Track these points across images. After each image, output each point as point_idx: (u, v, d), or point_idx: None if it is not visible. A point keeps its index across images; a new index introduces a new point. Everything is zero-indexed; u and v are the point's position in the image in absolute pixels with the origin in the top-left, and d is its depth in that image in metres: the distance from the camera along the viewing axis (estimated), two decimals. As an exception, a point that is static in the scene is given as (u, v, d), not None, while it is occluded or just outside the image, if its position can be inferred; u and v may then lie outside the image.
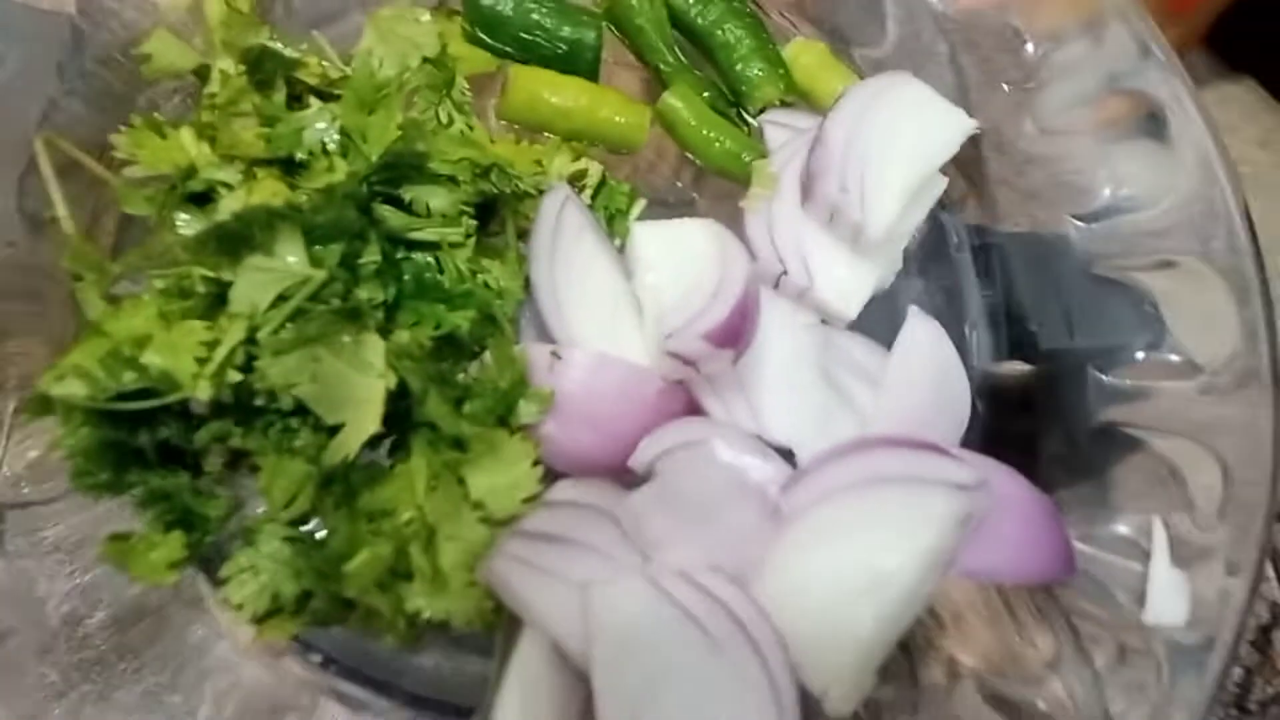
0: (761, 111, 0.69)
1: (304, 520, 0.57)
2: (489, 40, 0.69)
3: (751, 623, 0.53)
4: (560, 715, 0.53)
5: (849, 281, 0.62)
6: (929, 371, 0.63)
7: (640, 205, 0.67)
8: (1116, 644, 0.55)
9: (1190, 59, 1.13)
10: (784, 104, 0.69)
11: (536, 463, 0.56)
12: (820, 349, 0.62)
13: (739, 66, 0.69)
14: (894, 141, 0.62)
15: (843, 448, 0.58)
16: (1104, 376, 0.61)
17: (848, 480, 0.56)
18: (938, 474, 0.55)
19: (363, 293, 0.56)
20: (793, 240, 0.64)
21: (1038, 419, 0.65)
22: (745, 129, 0.69)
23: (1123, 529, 0.57)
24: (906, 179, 0.62)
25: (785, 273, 0.63)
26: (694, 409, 0.61)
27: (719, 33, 0.69)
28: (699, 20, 0.69)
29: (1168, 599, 0.54)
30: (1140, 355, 0.61)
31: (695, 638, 0.52)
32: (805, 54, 0.70)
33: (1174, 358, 0.60)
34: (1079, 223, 0.65)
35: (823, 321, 0.64)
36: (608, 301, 0.61)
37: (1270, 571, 0.74)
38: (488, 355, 0.58)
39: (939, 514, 0.54)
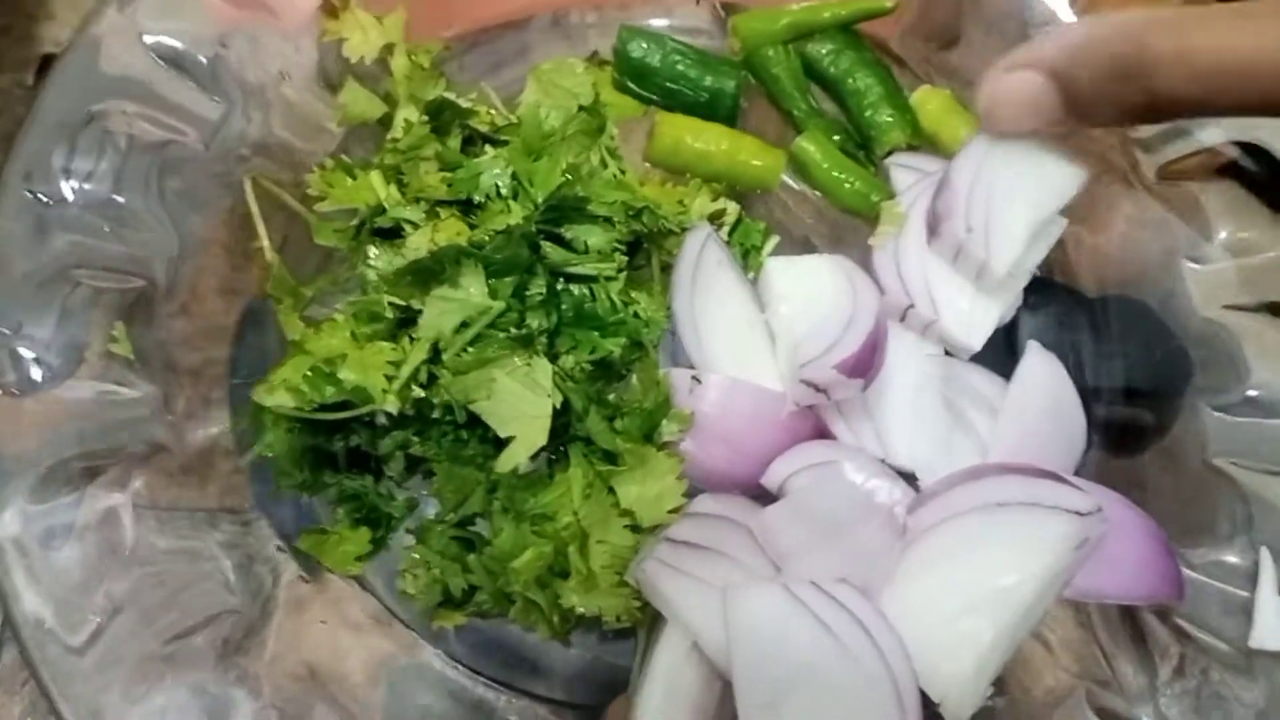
0: (888, 154, 0.73)
1: (471, 521, 0.64)
2: (637, 89, 0.75)
3: (878, 631, 0.57)
4: (698, 706, 0.58)
5: (973, 315, 0.66)
6: (1046, 403, 0.66)
7: (774, 241, 0.73)
8: (1221, 667, 0.58)
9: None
10: (911, 147, 0.73)
11: (680, 477, 0.62)
12: (943, 379, 0.66)
13: (869, 112, 0.73)
14: (1016, 185, 0.66)
15: (965, 472, 0.63)
16: (1214, 413, 0.64)
17: (970, 503, 0.60)
18: (1055, 500, 0.59)
19: (531, 321, 0.63)
20: (919, 276, 0.68)
21: (1148, 453, 0.68)
22: (873, 170, 0.74)
23: (1230, 558, 0.60)
24: (1028, 221, 0.66)
25: (912, 306, 0.67)
26: (823, 433, 0.66)
27: (850, 80, 0.74)
28: (831, 69, 0.74)
29: (1273, 625, 0.57)
30: (1253, 393, 0.64)
31: (826, 641, 0.56)
32: (931, 101, 0.74)
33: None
34: (1193, 264, 0.68)
35: (946, 353, 0.68)
36: (743, 331, 0.67)
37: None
38: (635, 378, 0.65)
39: (1056, 537, 0.58)
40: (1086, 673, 0.62)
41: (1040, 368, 0.67)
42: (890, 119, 0.73)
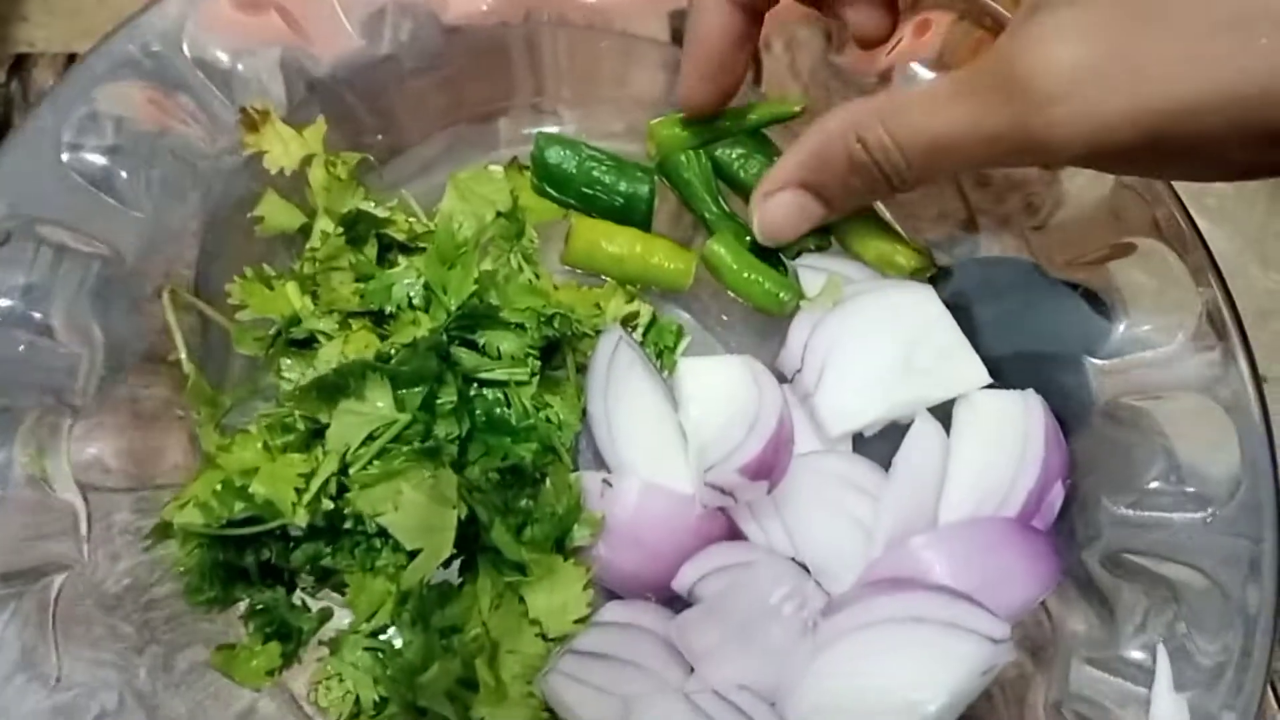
0: (797, 256, 0.75)
1: (383, 631, 0.64)
2: (554, 193, 0.77)
3: None
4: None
5: (849, 406, 0.68)
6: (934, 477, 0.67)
7: (686, 341, 0.74)
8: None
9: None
10: (819, 248, 0.76)
11: (588, 585, 0.62)
12: (843, 474, 0.67)
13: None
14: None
15: (883, 583, 0.63)
16: (1115, 506, 0.66)
17: (885, 614, 0.61)
18: (973, 624, 0.60)
19: (440, 429, 0.64)
20: (822, 351, 0.70)
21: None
22: (784, 271, 0.76)
23: (1131, 653, 0.61)
24: (870, 378, 0.69)
25: (800, 371, 0.69)
26: (735, 533, 0.67)
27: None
28: (740, 173, 0.76)
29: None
30: (1153, 485, 0.65)
31: None
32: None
33: (1187, 488, 0.64)
34: (1094, 360, 0.70)
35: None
36: (656, 431, 0.68)
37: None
38: (548, 482, 0.66)
39: (970, 658, 0.59)
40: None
41: (925, 439, 0.67)
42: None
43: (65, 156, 0.68)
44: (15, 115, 0.88)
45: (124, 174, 0.69)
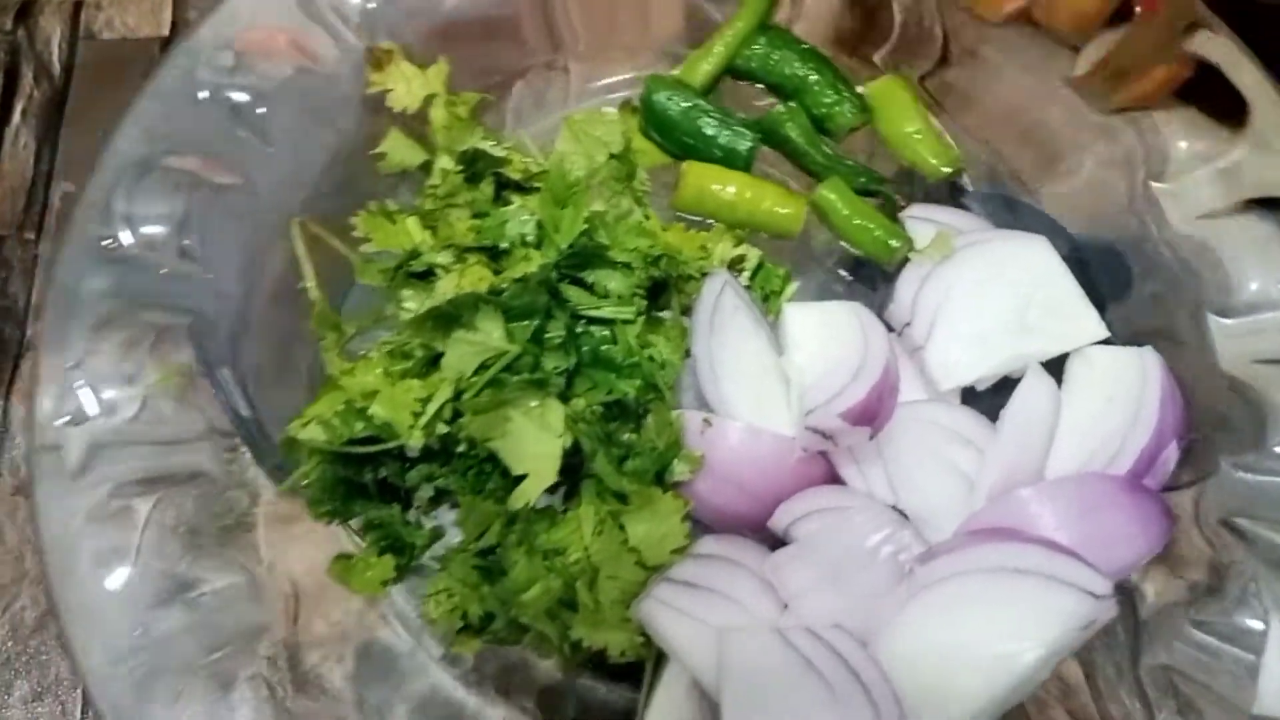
0: (904, 208, 0.75)
1: (491, 551, 0.67)
2: (657, 138, 0.78)
3: (870, 680, 0.58)
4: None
5: (959, 360, 0.67)
6: (1044, 431, 0.66)
7: (794, 287, 0.74)
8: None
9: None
10: (928, 199, 0.75)
11: (686, 517, 0.64)
12: (949, 424, 0.67)
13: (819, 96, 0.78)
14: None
15: (985, 532, 0.63)
16: (1234, 470, 0.63)
17: (986, 563, 0.61)
18: (1074, 578, 0.59)
19: (549, 362, 0.66)
20: (932, 304, 0.69)
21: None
22: (894, 219, 0.75)
23: (1243, 620, 0.59)
24: (978, 334, 0.68)
25: (909, 324, 0.69)
26: (834, 477, 0.67)
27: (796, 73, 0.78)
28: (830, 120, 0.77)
29: (1277, 692, 0.56)
30: (1277, 449, 0.63)
31: (816, 686, 0.58)
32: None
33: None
34: (1220, 319, 0.67)
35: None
36: (758, 375, 0.69)
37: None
38: (650, 419, 0.67)
39: (1068, 614, 0.58)
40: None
41: (1037, 394, 0.66)
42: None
43: (203, 94, 0.72)
44: (23, 63, 0.90)
45: (259, 111, 0.73)
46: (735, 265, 0.74)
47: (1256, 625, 0.59)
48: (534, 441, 0.63)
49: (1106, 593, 0.58)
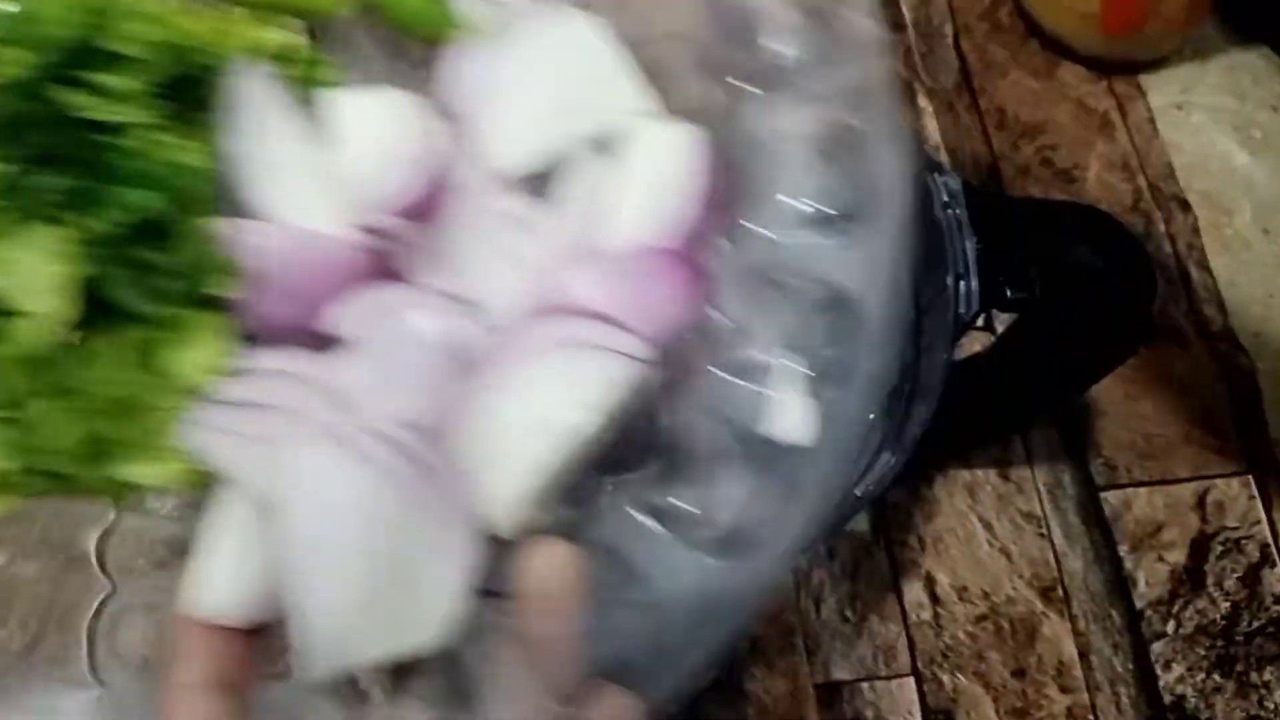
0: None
1: (16, 403, 0.60)
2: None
3: (438, 467, 0.59)
4: (265, 568, 0.59)
5: (511, 143, 0.67)
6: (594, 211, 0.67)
7: (340, 76, 0.69)
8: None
9: (1203, 27, 1.30)
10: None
11: (227, 335, 0.60)
12: (505, 211, 0.67)
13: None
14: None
15: (540, 311, 0.64)
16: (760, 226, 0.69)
17: (543, 343, 0.62)
18: (620, 345, 0.62)
19: (48, 181, 0.57)
20: (483, 86, 0.67)
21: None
22: (441, -4, 0.70)
23: (762, 357, 0.66)
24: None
25: (459, 110, 0.67)
26: (391, 275, 0.65)
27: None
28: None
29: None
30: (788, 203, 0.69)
31: (384, 487, 0.58)
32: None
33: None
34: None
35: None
36: (302, 174, 0.64)
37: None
38: (180, 233, 0.61)
39: (618, 380, 0.61)
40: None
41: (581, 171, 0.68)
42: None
43: None
44: None
45: None
46: (269, 53, 0.67)
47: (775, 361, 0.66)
48: (38, 274, 0.56)
49: (651, 357, 0.62)
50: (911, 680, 1.04)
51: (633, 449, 0.65)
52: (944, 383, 0.81)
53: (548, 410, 0.61)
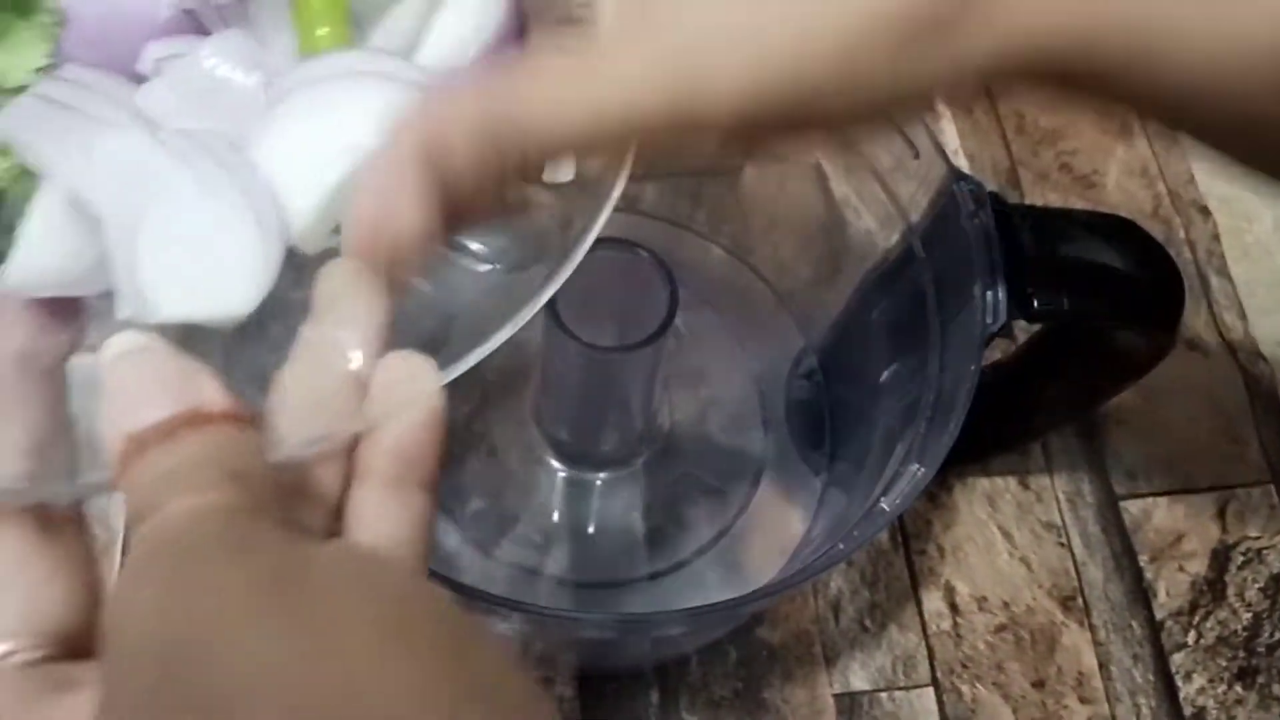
0: None
1: None
2: None
3: (241, 169, 0.64)
4: (83, 248, 0.63)
5: None
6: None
7: None
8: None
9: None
10: None
11: (51, 42, 0.66)
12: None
13: None
14: None
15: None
16: None
17: (333, 70, 0.67)
18: (404, 74, 0.67)
19: None
20: None
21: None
22: None
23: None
24: None
25: None
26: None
27: None
28: None
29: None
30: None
31: (188, 179, 0.63)
32: None
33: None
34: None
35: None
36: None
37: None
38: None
39: (401, 104, 0.61)
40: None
41: None
42: None
43: None
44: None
45: None
46: None
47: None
48: None
49: (431, 82, 0.66)
50: (931, 690, 1.03)
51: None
52: (971, 394, 0.81)
53: (345, 133, 0.63)
